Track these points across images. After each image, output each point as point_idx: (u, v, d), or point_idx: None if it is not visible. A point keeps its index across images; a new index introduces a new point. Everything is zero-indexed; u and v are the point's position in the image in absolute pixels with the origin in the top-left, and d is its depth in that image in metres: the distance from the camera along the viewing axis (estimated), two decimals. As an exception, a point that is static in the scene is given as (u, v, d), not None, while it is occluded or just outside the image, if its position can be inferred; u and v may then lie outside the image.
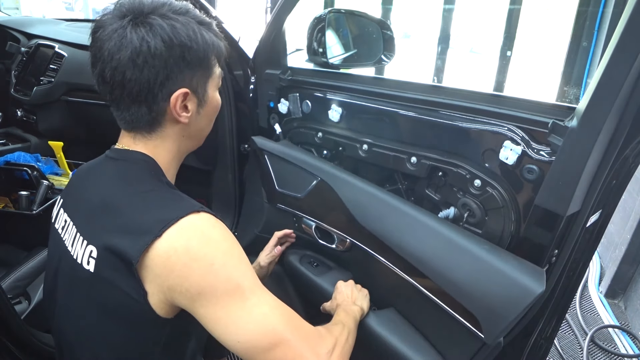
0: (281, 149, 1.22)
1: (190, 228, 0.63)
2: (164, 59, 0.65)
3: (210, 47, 0.70)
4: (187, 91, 0.69)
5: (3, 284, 1.23)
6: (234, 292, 0.63)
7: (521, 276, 0.75)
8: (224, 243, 0.65)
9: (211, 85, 0.74)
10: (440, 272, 0.85)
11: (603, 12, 3.31)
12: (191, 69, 0.69)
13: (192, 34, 0.67)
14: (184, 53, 0.66)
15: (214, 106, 0.77)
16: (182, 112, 0.71)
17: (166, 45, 0.65)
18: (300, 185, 1.15)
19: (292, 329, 0.66)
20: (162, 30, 0.64)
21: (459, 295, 0.82)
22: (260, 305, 0.64)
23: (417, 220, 0.90)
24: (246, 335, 0.63)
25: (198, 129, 0.77)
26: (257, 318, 0.63)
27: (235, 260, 0.65)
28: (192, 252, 0.61)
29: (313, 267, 1.21)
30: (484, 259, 0.79)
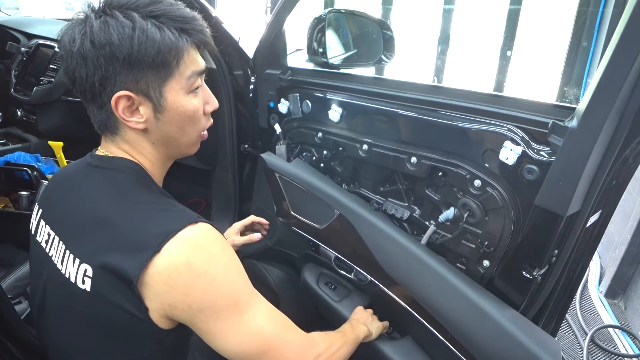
0: (295, 174, 1.16)
1: (189, 242, 0.61)
2: (94, 59, 0.61)
3: (158, 47, 0.62)
4: (126, 94, 0.63)
5: (3, 284, 1.23)
6: (234, 307, 0.64)
7: (538, 350, 0.78)
8: (223, 257, 0.65)
9: (171, 88, 0.66)
10: (462, 332, 0.87)
11: (603, 12, 3.31)
12: (132, 70, 0.62)
13: (128, 31, 0.60)
14: (115, 53, 0.61)
15: (180, 112, 0.68)
16: (132, 116, 0.66)
17: (94, 45, 0.61)
18: (318, 216, 1.12)
19: (283, 337, 0.70)
20: (91, 31, 0.61)
21: (478, 356, 0.85)
22: (256, 317, 0.67)
23: (444, 279, 0.90)
24: (242, 346, 0.66)
25: (163, 136, 0.69)
26: (252, 330, 0.66)
27: (234, 275, 0.66)
28: (194, 269, 0.60)
29: (331, 289, 1.20)
30: (505, 327, 0.82)
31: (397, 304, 0.99)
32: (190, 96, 0.69)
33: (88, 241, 0.65)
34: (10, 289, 1.25)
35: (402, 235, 0.98)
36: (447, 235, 0.98)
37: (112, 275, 0.61)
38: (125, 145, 0.70)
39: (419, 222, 1.04)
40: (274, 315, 0.71)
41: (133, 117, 0.66)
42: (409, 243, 0.96)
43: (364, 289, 1.15)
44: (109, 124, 0.68)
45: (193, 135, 0.73)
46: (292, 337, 0.72)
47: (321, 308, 1.19)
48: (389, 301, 1.00)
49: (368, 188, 1.16)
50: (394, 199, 1.10)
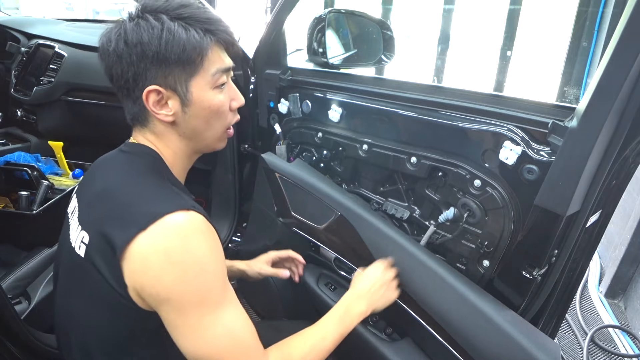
0: (295, 174, 1.16)
1: (173, 228, 0.62)
2: (127, 56, 0.67)
3: (183, 44, 0.67)
4: (156, 88, 0.69)
5: (3, 284, 1.23)
6: (198, 306, 0.64)
7: (538, 352, 0.78)
8: (203, 253, 0.64)
9: (197, 83, 0.71)
10: (462, 334, 0.87)
11: (603, 12, 3.31)
12: (162, 67, 0.68)
13: (157, 32, 0.66)
14: (145, 51, 0.67)
15: (204, 107, 0.72)
16: (162, 109, 0.71)
17: (127, 45, 0.67)
18: (318, 217, 1.11)
19: (239, 352, 0.68)
20: (124, 32, 0.67)
21: (478, 359, 0.85)
22: (216, 325, 0.65)
23: (444, 280, 0.90)
24: (194, 348, 0.65)
25: (190, 129, 0.74)
26: (208, 336, 0.65)
27: (209, 275, 0.64)
28: (170, 255, 0.61)
29: (331, 290, 1.20)
30: (505, 329, 0.81)
31: (397, 305, 0.98)
32: (215, 91, 0.73)
33: (91, 211, 0.70)
34: (10, 289, 1.25)
35: (402, 237, 0.98)
36: (447, 236, 0.98)
37: (104, 244, 0.64)
38: (152, 136, 0.75)
39: (419, 222, 1.04)
40: (236, 329, 0.68)
41: (162, 110, 0.71)
42: (409, 244, 0.96)
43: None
44: (140, 116, 0.73)
45: (219, 129, 0.77)
46: (247, 357, 0.69)
47: (321, 309, 1.19)
48: (389, 307, 1.00)
49: (368, 188, 1.16)
50: (394, 199, 1.10)
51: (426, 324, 0.93)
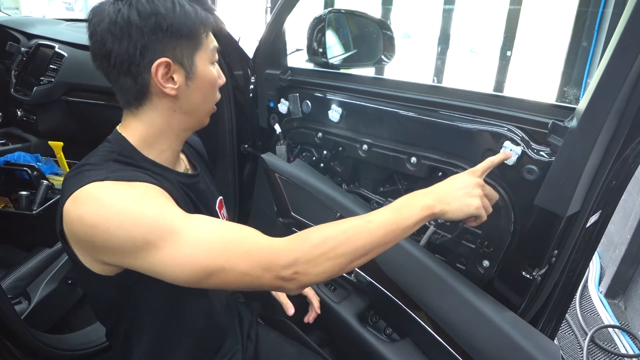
0: (295, 174, 1.16)
1: (82, 197, 0.63)
2: (140, 28, 0.67)
3: (193, 19, 0.70)
4: (167, 61, 0.69)
5: (3, 284, 1.23)
6: (146, 246, 0.61)
7: (538, 353, 0.78)
8: (117, 204, 0.62)
9: (200, 57, 0.73)
10: (462, 335, 0.87)
11: (603, 12, 3.31)
12: (172, 39, 0.69)
13: (170, 5, 0.68)
14: (160, 23, 0.67)
15: (206, 80, 0.75)
16: (168, 83, 0.71)
17: (141, 15, 0.66)
18: (318, 217, 1.11)
19: (227, 254, 0.62)
20: (137, 2, 0.67)
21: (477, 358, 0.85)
22: (181, 248, 0.61)
23: (444, 281, 0.90)
24: (182, 274, 0.62)
25: (191, 103, 0.75)
26: (181, 261, 0.61)
27: (132, 217, 0.61)
28: (86, 221, 0.62)
29: (331, 290, 1.19)
30: (505, 330, 0.81)
31: (397, 306, 0.98)
32: (212, 66, 0.77)
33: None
34: (10, 289, 1.25)
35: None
36: (447, 236, 0.98)
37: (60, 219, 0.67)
38: (143, 114, 0.74)
39: (419, 222, 1.04)
40: (210, 234, 0.63)
41: (169, 84, 0.71)
42: (408, 245, 0.96)
43: (363, 291, 1.15)
44: (139, 95, 0.72)
45: (211, 104, 0.80)
46: (247, 250, 0.63)
47: (321, 309, 1.19)
48: (389, 303, 1.00)
49: (368, 188, 1.16)
50: (394, 199, 1.10)
51: (426, 324, 0.93)
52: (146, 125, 0.75)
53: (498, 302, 0.86)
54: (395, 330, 1.10)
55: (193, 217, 0.65)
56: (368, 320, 1.14)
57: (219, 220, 0.71)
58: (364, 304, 1.14)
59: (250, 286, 0.64)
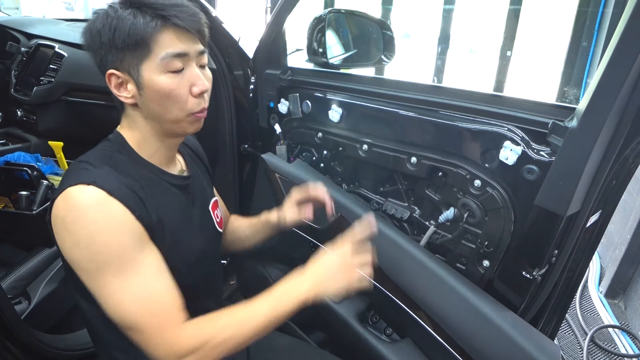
0: (295, 175, 1.16)
1: (68, 199, 0.68)
2: (88, 43, 0.74)
3: (134, 29, 0.70)
4: (113, 72, 0.73)
5: (3, 284, 1.23)
6: (97, 273, 0.68)
7: (538, 353, 0.78)
8: (91, 225, 0.67)
9: (147, 67, 0.72)
10: (461, 335, 0.87)
11: (603, 12, 3.31)
12: (114, 52, 0.72)
13: (109, 20, 0.70)
14: (101, 38, 0.71)
15: (155, 90, 0.73)
16: (122, 92, 0.75)
17: (86, 32, 0.73)
18: (318, 217, 1.09)
19: (147, 321, 0.69)
20: (90, 24, 0.73)
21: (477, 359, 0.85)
22: (121, 293, 0.68)
23: (444, 281, 0.90)
24: (110, 312, 0.70)
25: (150, 111, 0.76)
26: (114, 303, 0.69)
27: (101, 246, 0.67)
28: (65, 224, 0.68)
29: None
30: (505, 330, 0.81)
31: (397, 306, 0.98)
32: (167, 75, 0.73)
33: None
34: (10, 289, 1.25)
35: (402, 237, 0.98)
36: (447, 236, 0.98)
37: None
38: (128, 118, 0.80)
39: (419, 222, 1.04)
40: (145, 297, 0.69)
41: (123, 93, 0.75)
42: (409, 245, 0.96)
43: (363, 291, 1.15)
44: (117, 101, 0.78)
45: (178, 113, 0.76)
46: (162, 325, 0.70)
47: (320, 309, 1.19)
48: (389, 303, 1.00)
49: (368, 188, 1.16)
50: (394, 199, 1.10)
51: (426, 324, 0.93)
52: (133, 129, 0.79)
53: (498, 302, 0.86)
54: (395, 330, 1.10)
55: (141, 265, 0.70)
56: (368, 320, 1.14)
57: (160, 279, 0.72)
58: (364, 304, 1.14)
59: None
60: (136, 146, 0.79)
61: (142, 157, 0.79)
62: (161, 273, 0.72)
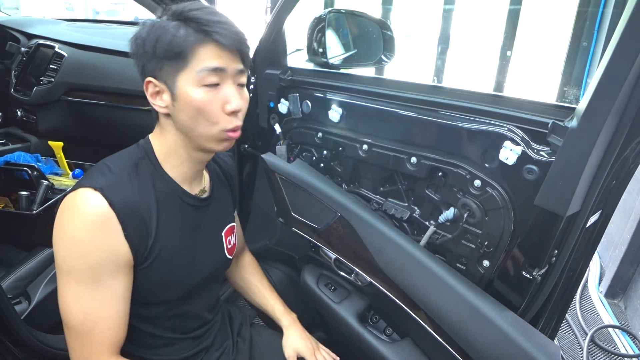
0: (295, 175, 1.15)
1: (75, 199, 0.71)
2: (133, 50, 0.76)
3: (176, 41, 0.71)
4: (151, 80, 0.75)
5: (3, 284, 1.23)
6: (66, 273, 0.72)
7: (538, 354, 0.77)
8: (77, 232, 0.70)
9: (183, 79, 0.73)
10: (461, 335, 0.87)
11: (603, 12, 3.31)
12: (154, 61, 0.74)
13: (156, 30, 0.73)
14: (145, 45, 0.74)
15: (188, 102, 0.74)
16: (155, 100, 0.77)
17: (133, 40, 0.76)
18: (318, 217, 1.11)
19: (82, 333, 0.73)
20: (139, 31, 0.75)
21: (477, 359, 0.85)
22: (74, 298, 0.72)
23: (444, 281, 0.90)
24: (59, 305, 0.73)
25: (181, 123, 0.77)
26: (65, 302, 0.72)
27: (77, 253, 0.70)
28: (62, 219, 0.72)
29: (331, 291, 1.19)
30: (505, 330, 0.81)
31: (397, 306, 0.98)
32: (202, 89, 0.74)
33: None
34: (10, 289, 1.25)
35: (402, 237, 0.98)
36: (447, 236, 0.98)
37: None
38: (157, 129, 0.82)
39: (419, 222, 1.04)
40: (90, 317, 0.73)
41: (157, 101, 0.77)
42: (409, 245, 0.96)
43: (363, 291, 1.15)
44: (153, 110, 0.80)
45: (208, 129, 0.76)
46: (87, 343, 0.74)
47: (321, 309, 1.19)
48: (389, 303, 1.00)
49: (368, 188, 1.16)
50: (394, 199, 1.10)
51: (426, 324, 0.93)
52: (163, 138, 0.81)
53: (498, 302, 0.86)
54: (395, 330, 1.10)
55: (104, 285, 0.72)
56: (368, 320, 1.14)
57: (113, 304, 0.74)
58: (364, 304, 1.14)
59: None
60: (162, 157, 0.80)
61: (164, 170, 0.80)
62: (119, 301, 0.74)
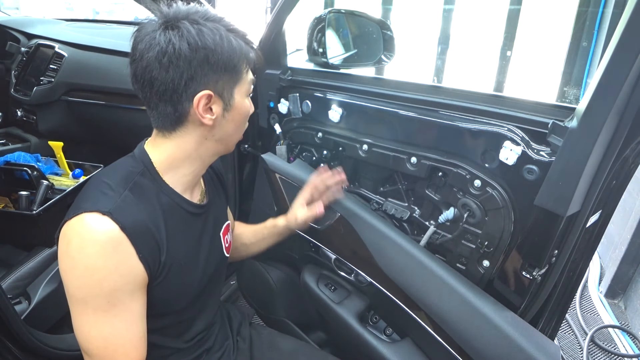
0: (296, 175, 1.16)
1: (83, 226, 0.68)
2: (188, 60, 0.68)
3: (237, 53, 0.72)
4: (210, 93, 0.71)
5: (3, 284, 1.23)
6: (81, 302, 0.69)
7: (538, 354, 0.77)
8: (93, 260, 0.67)
9: (239, 90, 0.75)
10: (461, 335, 0.87)
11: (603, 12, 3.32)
12: (216, 73, 0.71)
13: (219, 39, 0.70)
14: (208, 56, 0.69)
15: (241, 112, 0.78)
16: (206, 113, 0.73)
17: (191, 47, 0.68)
18: (318, 217, 1.10)
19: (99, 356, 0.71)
20: (188, 34, 0.68)
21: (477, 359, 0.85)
22: (93, 326, 0.70)
23: (443, 281, 0.90)
24: (77, 334, 0.71)
25: (224, 132, 0.78)
26: (83, 331, 0.70)
27: (93, 281, 0.67)
28: (70, 248, 0.68)
29: (331, 291, 1.19)
30: (505, 330, 0.81)
31: (397, 306, 0.98)
32: (248, 99, 0.79)
33: None
34: (10, 289, 1.25)
35: (402, 238, 0.98)
36: (447, 236, 0.98)
37: None
38: (175, 139, 0.76)
39: (419, 222, 1.04)
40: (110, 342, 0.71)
41: (207, 115, 0.73)
42: (409, 245, 0.96)
43: (363, 291, 1.15)
44: (176, 121, 0.74)
45: (241, 133, 0.83)
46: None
47: (321, 309, 1.19)
48: (389, 303, 1.00)
49: (368, 188, 1.16)
50: (394, 199, 1.10)
51: (426, 324, 0.93)
52: (175, 149, 0.77)
53: (498, 302, 0.86)
54: (395, 330, 1.10)
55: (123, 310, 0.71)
56: (368, 320, 1.14)
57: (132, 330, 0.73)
58: (364, 304, 1.14)
59: None
60: (164, 168, 0.77)
61: (166, 183, 0.77)
62: (137, 322, 0.73)
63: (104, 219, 0.67)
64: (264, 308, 1.40)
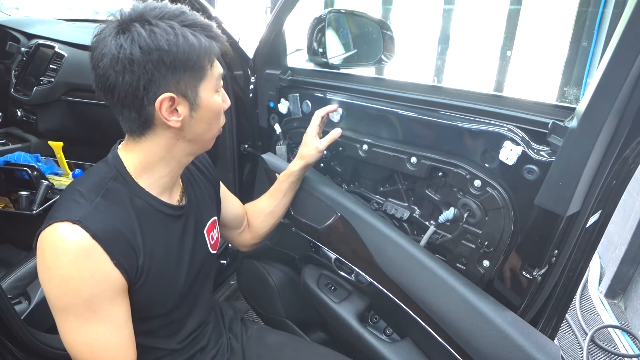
0: None
1: (54, 236, 0.67)
2: (142, 64, 0.66)
3: (196, 50, 0.68)
4: (171, 95, 0.69)
5: (3, 284, 1.23)
6: (62, 311, 0.69)
7: (538, 353, 0.77)
8: (67, 269, 0.67)
9: (205, 88, 0.72)
10: (461, 335, 0.87)
11: (603, 12, 3.32)
12: (175, 73, 0.68)
13: (173, 38, 0.66)
14: (162, 57, 0.66)
15: (211, 109, 0.74)
16: (171, 116, 0.71)
17: (143, 51, 0.65)
18: (318, 217, 1.11)
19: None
20: (139, 37, 0.65)
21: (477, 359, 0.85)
22: (77, 334, 0.70)
23: (443, 281, 0.90)
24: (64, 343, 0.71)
25: (195, 132, 0.75)
26: (68, 340, 0.71)
27: (70, 290, 0.67)
28: (44, 258, 0.68)
29: (331, 291, 1.19)
30: (505, 330, 0.81)
31: (397, 306, 0.98)
32: (217, 95, 0.76)
33: None
34: (10, 289, 1.25)
35: (402, 238, 0.98)
36: (447, 236, 0.98)
37: None
38: (145, 142, 0.75)
39: (419, 222, 1.04)
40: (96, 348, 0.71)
41: (172, 117, 0.71)
42: (409, 245, 0.96)
43: (363, 291, 1.15)
44: (143, 126, 0.72)
45: (215, 130, 0.80)
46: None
47: (321, 309, 1.19)
48: (389, 303, 1.00)
49: (368, 188, 1.16)
50: (394, 199, 1.10)
51: (426, 324, 0.93)
52: (147, 153, 0.75)
53: (498, 302, 0.86)
54: (395, 330, 1.10)
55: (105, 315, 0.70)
56: (368, 320, 1.14)
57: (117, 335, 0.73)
58: (364, 304, 1.14)
59: None
60: (138, 171, 0.76)
61: (140, 186, 0.76)
62: (122, 326, 0.72)
63: (74, 228, 0.66)
64: (263, 308, 1.40)
